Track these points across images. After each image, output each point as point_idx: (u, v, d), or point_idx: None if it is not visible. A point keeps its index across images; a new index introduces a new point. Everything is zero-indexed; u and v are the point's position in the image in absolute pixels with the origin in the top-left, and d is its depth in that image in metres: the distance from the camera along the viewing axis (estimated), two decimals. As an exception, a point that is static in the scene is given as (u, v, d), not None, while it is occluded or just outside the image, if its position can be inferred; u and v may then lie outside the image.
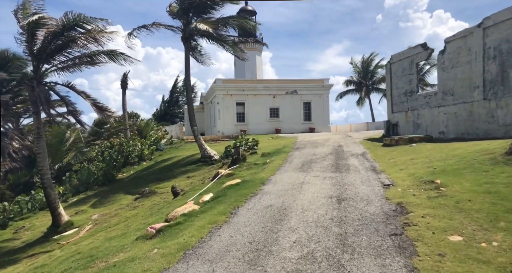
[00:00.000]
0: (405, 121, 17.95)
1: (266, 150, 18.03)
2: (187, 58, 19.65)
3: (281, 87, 42.39)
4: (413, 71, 17.35)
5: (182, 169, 18.30)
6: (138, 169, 21.59)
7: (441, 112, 15.43)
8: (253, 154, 17.19)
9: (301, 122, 42.62)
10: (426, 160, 9.95)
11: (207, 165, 18.44)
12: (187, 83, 19.53)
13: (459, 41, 14.40)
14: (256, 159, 15.46)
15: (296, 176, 10.03)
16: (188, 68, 19.58)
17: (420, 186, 7.80)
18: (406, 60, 17.75)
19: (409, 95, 17.65)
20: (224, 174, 12.24)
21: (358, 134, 24.92)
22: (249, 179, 10.12)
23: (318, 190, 8.16)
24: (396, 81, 18.77)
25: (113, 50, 13.58)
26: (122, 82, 28.36)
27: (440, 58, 15.45)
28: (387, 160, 11.60)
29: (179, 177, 16.77)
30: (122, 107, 28.33)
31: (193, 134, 20.26)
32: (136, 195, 14.45)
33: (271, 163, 13.36)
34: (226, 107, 40.61)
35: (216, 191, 9.08)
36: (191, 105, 19.79)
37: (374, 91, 50.48)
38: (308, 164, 12.01)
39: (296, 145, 18.34)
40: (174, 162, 20.84)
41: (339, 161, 12.02)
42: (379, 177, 9.20)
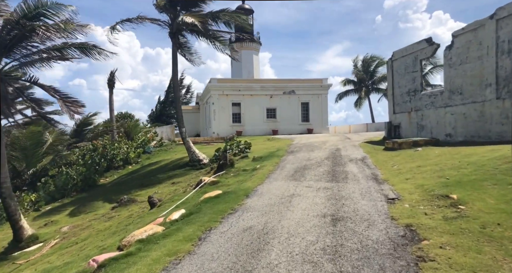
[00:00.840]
0: (408, 123, 16.58)
1: (258, 153, 16.67)
2: (174, 55, 18.27)
3: (278, 87, 41.02)
4: (417, 69, 15.98)
5: (169, 174, 16.92)
6: (123, 174, 20.19)
7: (448, 112, 14.06)
8: (244, 158, 15.81)
9: (299, 123, 41.26)
10: (436, 168, 8.57)
11: (195, 169, 17.06)
12: (175, 82, 18.16)
13: (469, 35, 13.04)
14: (246, 164, 14.08)
15: (286, 187, 8.66)
16: (175, 66, 18.21)
17: (432, 202, 6.43)
18: (409, 56, 16.38)
19: (413, 95, 16.28)
20: (208, 182, 10.87)
21: (358, 136, 23.55)
22: (232, 189, 8.74)
23: (310, 206, 6.79)
24: (398, 80, 17.40)
25: (84, 43, 12.17)
26: (109, 81, 26.91)
27: (447, 54, 14.08)
28: (390, 166, 10.23)
29: (164, 183, 15.39)
30: (109, 107, 26.84)
31: (181, 136, 18.89)
32: (114, 204, 13.08)
33: (261, 169, 11.99)
34: (221, 108, 39.25)
35: (191, 206, 7.71)
36: (179, 105, 18.43)
37: (374, 91, 49.10)
38: (301, 171, 10.63)
39: (291, 148, 16.97)
40: (161, 166, 19.47)
41: (336, 168, 10.65)
42: (382, 189, 7.84)
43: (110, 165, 21.09)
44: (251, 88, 40.26)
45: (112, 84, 26.93)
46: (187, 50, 20.63)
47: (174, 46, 18.28)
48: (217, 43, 19.92)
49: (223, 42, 19.98)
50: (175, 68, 18.22)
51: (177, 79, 18.35)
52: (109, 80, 26.84)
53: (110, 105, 26.57)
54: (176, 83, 18.32)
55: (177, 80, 18.35)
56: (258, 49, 49.31)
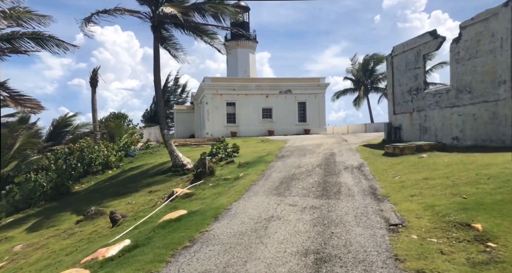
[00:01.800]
0: (410, 124, 14.98)
1: (246, 158, 15.10)
2: (156, 50, 16.65)
3: (274, 86, 39.40)
4: (419, 65, 14.38)
5: (149, 180, 15.35)
6: (101, 179, 18.60)
7: (454, 113, 12.47)
8: (229, 164, 14.22)
9: (296, 123, 39.67)
10: (448, 182, 6.98)
11: (178, 175, 15.47)
12: (156, 80, 16.56)
13: (479, 26, 11.44)
14: (229, 171, 12.50)
15: (266, 204, 7.07)
16: (157, 62, 16.60)
17: (449, 232, 4.85)
18: (411, 51, 14.77)
19: (415, 94, 14.68)
20: (180, 195, 9.28)
21: (355, 137, 21.95)
22: (200, 208, 7.16)
23: (290, 236, 5.21)
24: (398, 77, 15.80)
25: (36, 32, 10.54)
26: (91, 79, 25.27)
27: (453, 48, 12.49)
28: (390, 177, 8.64)
29: (141, 191, 13.81)
30: (92, 107, 25.16)
31: (163, 138, 17.30)
32: (81, 217, 11.51)
33: (243, 178, 10.41)
34: (215, 108, 37.66)
35: (143, 232, 6.12)
36: (161, 105, 16.82)
37: (373, 91, 47.50)
38: (288, 182, 9.05)
39: (282, 152, 15.38)
40: (142, 171, 17.89)
41: (329, 178, 9.06)
42: (382, 209, 6.25)
43: (88, 170, 19.47)
44: (246, 87, 38.67)
45: (95, 83, 25.31)
46: (172, 45, 19.03)
47: (155, 40, 16.66)
48: (205, 37, 18.34)
49: (211, 36, 18.38)
50: (156, 65, 16.61)
51: (159, 77, 16.75)
52: (91, 79, 25.19)
53: (92, 105, 24.92)
54: (158, 81, 16.72)
55: (159, 78, 16.75)
56: (254, 48, 47.72)
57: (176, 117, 46.06)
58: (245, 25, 47.69)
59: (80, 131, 23.06)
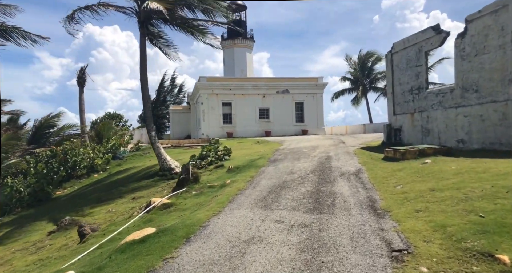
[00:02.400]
0: (411, 126, 13.99)
1: (237, 161, 14.12)
2: (142, 46, 15.63)
3: (271, 86, 38.41)
4: (421, 62, 13.39)
5: (134, 185, 14.35)
6: (85, 184, 17.61)
7: (460, 114, 11.48)
8: (218, 168, 13.24)
9: (293, 124, 38.69)
10: (459, 195, 5.99)
11: (165, 180, 14.49)
12: (143, 78, 15.49)
13: (487, 19, 10.45)
14: (217, 177, 11.51)
15: (248, 221, 6.09)
16: (143, 60, 15.58)
17: (467, 265, 3.86)
18: (412, 48, 13.78)
19: (416, 93, 13.69)
20: (158, 205, 8.29)
21: (353, 139, 20.95)
22: (172, 225, 6.16)
23: (270, 268, 4.22)
24: (399, 76, 14.81)
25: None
26: (78, 78, 24.19)
27: (458, 44, 11.50)
28: (391, 186, 7.65)
29: (124, 198, 12.82)
30: (79, 107, 24.05)
31: (150, 140, 16.28)
32: (55, 227, 10.52)
33: (230, 186, 9.42)
34: (211, 108, 36.68)
35: (95, 259, 5.13)
36: (147, 106, 15.78)
37: (371, 90, 46.52)
38: (278, 191, 8.06)
39: (276, 155, 14.39)
40: (129, 174, 16.90)
41: (323, 187, 8.08)
42: (383, 228, 5.27)
43: (72, 174, 18.46)
44: (243, 87, 37.68)
45: (83, 82, 24.25)
46: (162, 42, 18.03)
47: (142, 36, 15.64)
48: (197, 33, 17.36)
49: (202, 31, 17.39)
50: (143, 62, 15.58)
51: (145, 75, 15.73)
52: (78, 78, 24.13)
53: (80, 105, 23.84)
54: (145, 80, 15.70)
55: (145, 76, 15.73)
56: (251, 47, 46.75)
57: (172, 117, 45.08)
58: (242, 23, 46.70)
59: (66, 132, 22.04)
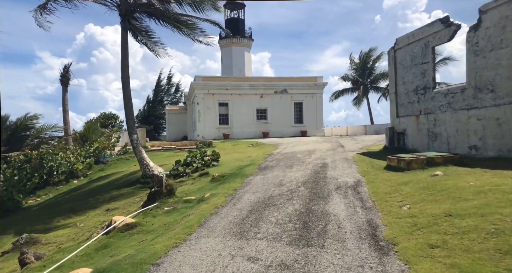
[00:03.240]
0: (416, 129, 12.61)
1: (225, 168, 12.79)
2: (123, 42, 14.27)
3: (269, 86, 37.08)
4: (428, 59, 12.00)
5: (112, 194, 13.03)
6: (63, 191, 16.29)
7: (472, 117, 10.10)
8: (203, 176, 11.89)
9: (292, 125, 37.36)
10: (487, 226, 4.61)
11: (147, 188, 13.09)
12: (124, 76, 14.09)
13: (505, 9, 9.06)
14: (198, 188, 10.17)
15: (215, 257, 4.73)
16: (125, 57, 14.24)
17: None
18: (417, 43, 12.40)
19: (422, 93, 12.31)
20: (120, 226, 6.95)
21: (353, 142, 19.57)
22: (115, 264, 4.82)
23: None
24: (403, 74, 13.43)
25: None
26: (62, 76, 22.77)
27: (471, 38, 10.11)
28: (396, 206, 6.28)
29: (99, 209, 11.50)
30: (63, 108, 22.59)
31: (132, 144, 14.94)
32: (10, 246, 9.22)
33: (207, 201, 8.07)
34: (207, 108, 35.37)
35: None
36: (128, 107, 14.40)
37: (372, 90, 45.05)
38: (260, 211, 6.71)
39: (267, 161, 13.03)
40: (110, 181, 15.59)
41: (314, 205, 6.72)
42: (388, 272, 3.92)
43: (48, 180, 17.17)
44: (240, 87, 36.35)
45: (66, 81, 22.88)
46: (148, 38, 16.68)
47: (123, 31, 14.28)
48: (185, 28, 16.04)
49: (190, 27, 16.06)
50: (124, 60, 14.24)
51: (127, 73, 14.38)
52: (62, 76, 22.72)
53: (63, 105, 22.43)
54: (126, 78, 14.33)
55: (127, 74, 14.38)
56: (250, 46, 45.45)
57: (168, 118, 43.78)
58: (240, 22, 45.41)
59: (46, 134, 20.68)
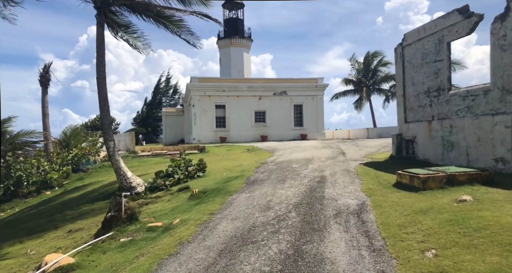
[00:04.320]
0: (428, 137, 10.90)
1: (210, 181, 11.15)
2: (99, 38, 12.64)
3: (268, 88, 35.42)
4: (442, 56, 10.30)
5: (83, 209, 11.40)
6: (31, 204, 14.62)
7: (499, 124, 8.39)
8: (182, 191, 10.24)
9: (291, 128, 35.66)
10: None
11: (124, 202, 11.48)
12: (100, 76, 12.48)
13: (543, -8, 7.37)
14: (171, 209, 8.51)
15: None
16: (101, 55, 12.62)
17: None
18: (430, 38, 10.70)
19: (435, 96, 10.61)
20: (51, 270, 5.29)
21: (356, 148, 17.86)
22: None
23: None
24: (412, 74, 11.73)
25: None
26: (41, 77, 21.02)
27: (496, 30, 8.41)
28: (416, 249, 4.58)
29: (60, 229, 9.86)
30: (42, 110, 20.88)
31: (107, 152, 13.27)
32: None
33: (174, 231, 6.40)
34: (203, 111, 33.75)
35: None
36: (104, 110, 12.69)
37: (375, 92, 43.27)
38: (234, 252, 5.03)
39: (258, 173, 11.35)
40: (85, 193, 13.98)
41: (305, 244, 5.04)
42: None
43: (17, 191, 15.58)
44: (238, 89, 34.72)
45: (46, 81, 21.19)
46: (130, 33, 15.04)
47: (98, 25, 12.67)
48: (171, 25, 14.45)
49: (177, 24, 14.46)
50: (100, 57, 12.62)
51: (103, 72, 12.76)
52: (41, 76, 20.98)
53: (42, 108, 20.70)
54: (102, 78, 12.71)
55: (103, 74, 12.75)
56: (249, 46, 43.80)
57: (165, 120, 42.19)
58: (239, 22, 43.83)
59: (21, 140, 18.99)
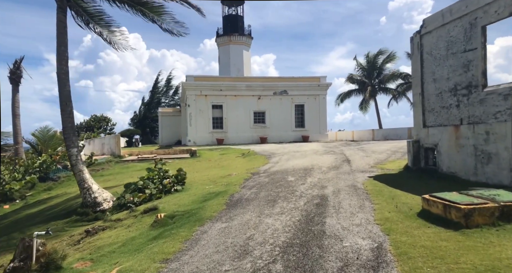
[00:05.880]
0: (455, 145, 8.69)
1: (185, 199, 9.04)
2: (60, 26, 10.50)
3: (268, 87, 33.22)
4: (475, 45, 8.09)
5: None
6: (-18, 221, 12.70)
7: (559, 131, 6.18)
8: (148, 214, 8.11)
9: (292, 129, 33.44)
10: None
11: (84, 222, 9.49)
12: (61, 70, 10.35)
13: None
14: (122, 242, 6.39)
15: None
16: (62, 42, 10.50)
17: None
18: (458, 23, 8.50)
19: (464, 94, 8.41)
20: None
21: (362, 153, 15.65)
22: None
23: None
24: (433, 68, 9.53)
25: None
26: (11, 73, 18.82)
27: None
28: None
29: (-3, 260, 7.82)
30: (12, 111, 18.72)
31: (69, 161, 11.14)
32: None
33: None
34: (199, 111, 31.63)
35: None
36: (66, 110, 10.49)
37: (381, 92, 40.94)
38: None
39: (245, 189, 9.21)
40: (46, 207, 11.92)
41: None
42: None
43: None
44: (236, 88, 32.55)
45: (18, 78, 19.06)
46: (103, 26, 12.95)
47: (59, 11, 10.51)
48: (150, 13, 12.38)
49: (156, 11, 12.38)
50: (61, 47, 10.49)
51: (65, 65, 10.65)
52: (11, 73, 18.76)
53: (12, 108, 18.48)
54: (63, 72, 10.61)
55: (65, 67, 10.65)
56: (249, 44, 41.60)
57: (161, 121, 40.11)
58: (239, 19, 41.64)
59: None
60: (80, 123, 41.33)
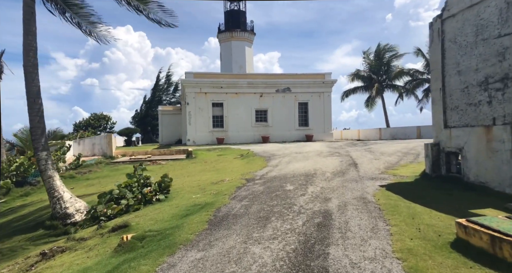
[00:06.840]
0: (485, 150, 7.21)
1: (165, 212, 7.68)
2: (27, 13, 9.16)
3: (270, 84, 31.78)
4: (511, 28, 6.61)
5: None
6: None
7: None
8: (114, 232, 6.75)
9: (296, 128, 32.00)
10: None
11: (52, 237, 8.18)
12: (28, 63, 9.10)
13: None
14: (78, 272, 5.03)
15: None
16: (28, 30, 9.18)
17: None
18: (490, 2, 7.01)
19: (499, 88, 6.93)
20: None
21: (370, 155, 14.17)
22: None
23: None
24: (458, 58, 8.05)
25: None
26: None
27: None
28: None
29: None
30: None
31: (38, 166, 9.80)
32: None
33: None
34: (198, 109, 30.29)
35: None
36: (34, 109, 9.17)
37: (388, 89, 39.27)
38: None
39: (235, 200, 7.82)
40: (15, 218, 10.58)
41: None
42: None
43: None
44: (237, 85, 31.15)
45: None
46: (82, 16, 11.61)
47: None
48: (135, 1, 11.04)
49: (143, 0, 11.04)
50: (28, 37, 9.18)
51: (33, 58, 9.33)
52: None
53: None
54: (30, 66, 9.30)
55: (33, 60, 9.33)
56: (251, 40, 40.12)
57: (161, 119, 38.84)
58: (241, 14, 40.17)
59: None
60: (78, 121, 40.23)
